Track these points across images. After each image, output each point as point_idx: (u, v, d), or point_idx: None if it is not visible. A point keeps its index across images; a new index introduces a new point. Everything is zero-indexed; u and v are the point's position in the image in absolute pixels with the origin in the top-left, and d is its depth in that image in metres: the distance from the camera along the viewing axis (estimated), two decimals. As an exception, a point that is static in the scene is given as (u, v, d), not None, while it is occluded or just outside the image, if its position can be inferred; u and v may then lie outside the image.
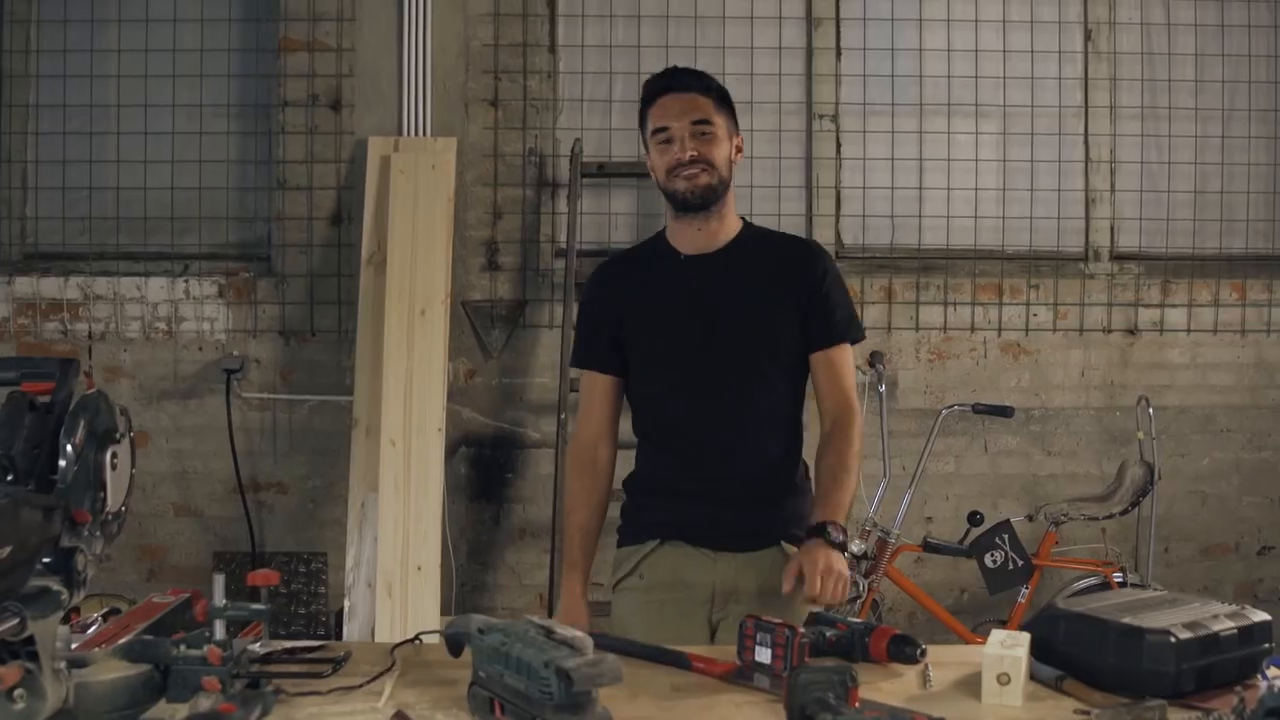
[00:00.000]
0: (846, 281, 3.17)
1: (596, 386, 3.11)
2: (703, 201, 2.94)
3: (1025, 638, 2.32)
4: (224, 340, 5.63)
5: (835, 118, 5.75)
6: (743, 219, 3.09)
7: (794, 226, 5.67)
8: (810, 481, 3.08)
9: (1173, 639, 2.22)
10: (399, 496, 5.03)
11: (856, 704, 2.08)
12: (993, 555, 5.05)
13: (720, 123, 2.95)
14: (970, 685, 2.31)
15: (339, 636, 5.12)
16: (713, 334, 2.96)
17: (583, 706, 1.95)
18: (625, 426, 3.15)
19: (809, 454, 3.09)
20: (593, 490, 3.08)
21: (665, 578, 2.96)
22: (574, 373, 5.22)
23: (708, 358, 2.96)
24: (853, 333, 3.06)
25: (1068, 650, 2.34)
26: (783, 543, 2.98)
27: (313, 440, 5.62)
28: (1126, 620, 2.29)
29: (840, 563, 2.70)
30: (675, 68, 3.05)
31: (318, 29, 5.58)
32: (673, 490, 3.01)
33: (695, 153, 2.90)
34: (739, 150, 3.02)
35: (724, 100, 3.00)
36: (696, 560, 2.97)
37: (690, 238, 3.01)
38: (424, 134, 5.54)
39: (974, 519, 5.08)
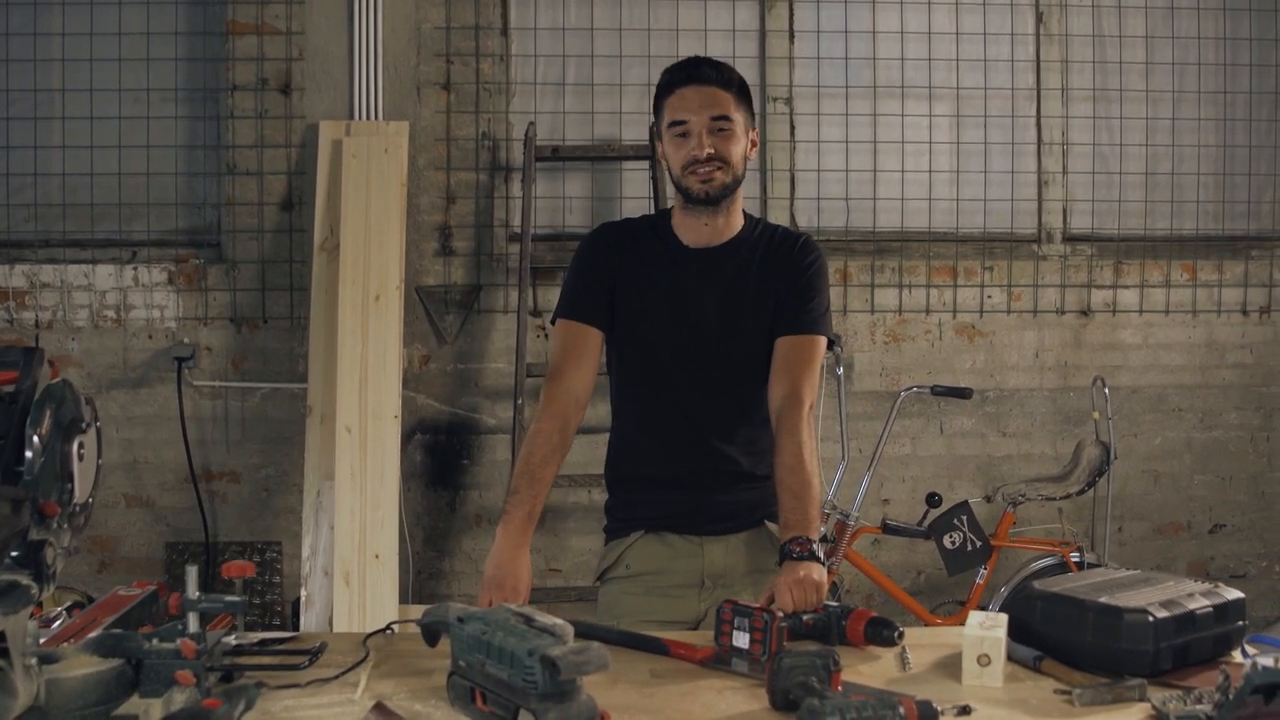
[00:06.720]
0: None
1: (587, 339, 2.95)
2: (716, 200, 2.89)
3: (1003, 619, 2.33)
4: (174, 328, 5.55)
5: (789, 100, 5.75)
6: (748, 215, 3.03)
7: (748, 209, 5.65)
8: None
9: (1150, 618, 2.24)
10: (355, 484, 4.98)
11: (839, 688, 2.08)
12: (951, 536, 5.06)
13: (739, 119, 2.86)
14: (949, 667, 2.32)
15: (296, 626, 5.07)
16: (705, 328, 2.91)
17: (568, 695, 1.93)
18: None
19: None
20: (560, 447, 2.90)
21: (650, 566, 2.92)
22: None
23: (697, 351, 2.91)
24: (824, 328, 2.95)
25: (1045, 631, 2.35)
26: (766, 522, 2.96)
27: (266, 428, 5.56)
28: (1104, 600, 2.30)
29: (816, 571, 2.60)
30: (698, 58, 2.93)
31: (266, 11, 5.50)
32: (655, 480, 2.96)
33: (712, 150, 2.82)
34: (754, 145, 2.94)
35: (744, 94, 2.90)
36: (681, 548, 2.94)
37: (696, 231, 2.95)
38: (376, 118, 5.49)
39: (932, 500, 5.09)
